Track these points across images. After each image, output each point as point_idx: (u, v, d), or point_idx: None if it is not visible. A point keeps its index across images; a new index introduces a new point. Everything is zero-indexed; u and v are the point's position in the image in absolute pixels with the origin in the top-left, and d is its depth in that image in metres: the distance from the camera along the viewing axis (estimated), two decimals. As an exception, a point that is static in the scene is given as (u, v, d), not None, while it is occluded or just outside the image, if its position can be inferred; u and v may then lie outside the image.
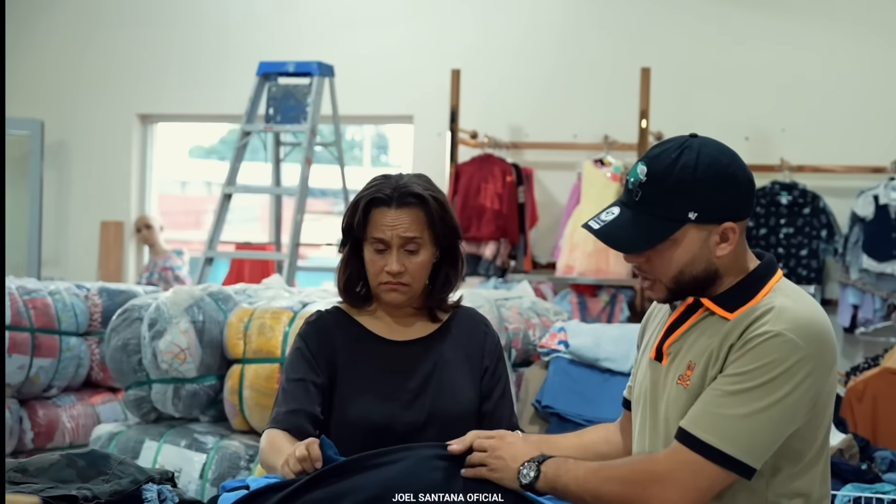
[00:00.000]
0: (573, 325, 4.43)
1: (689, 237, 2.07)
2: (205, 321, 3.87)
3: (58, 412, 4.75)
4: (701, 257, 2.08)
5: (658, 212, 2.07)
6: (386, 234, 2.45)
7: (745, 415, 1.98)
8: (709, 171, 2.06)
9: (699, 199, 2.05)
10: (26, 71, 8.60)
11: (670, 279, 2.11)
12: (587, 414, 4.10)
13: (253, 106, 6.61)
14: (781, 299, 2.06)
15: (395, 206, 2.46)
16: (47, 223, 8.37)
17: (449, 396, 2.48)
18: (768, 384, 1.99)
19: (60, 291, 4.84)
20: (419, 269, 2.47)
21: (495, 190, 7.15)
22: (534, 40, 7.73)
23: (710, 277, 2.10)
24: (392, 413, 2.45)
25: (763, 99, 7.30)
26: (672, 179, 2.06)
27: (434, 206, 2.47)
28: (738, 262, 2.12)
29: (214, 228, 6.46)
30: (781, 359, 1.99)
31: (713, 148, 2.09)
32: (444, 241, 2.52)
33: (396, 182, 2.49)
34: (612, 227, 2.11)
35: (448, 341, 2.55)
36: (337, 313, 2.58)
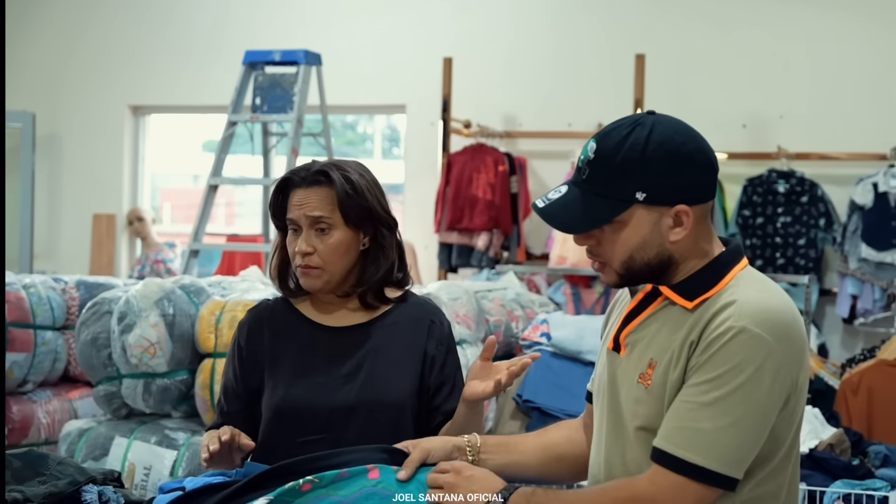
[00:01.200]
0: (556, 317, 4.35)
1: (637, 219, 1.94)
2: (175, 314, 3.80)
3: (33, 408, 4.66)
4: (652, 241, 1.95)
5: (604, 191, 1.94)
6: (294, 213, 2.42)
7: (724, 426, 1.86)
8: (660, 150, 1.91)
9: (647, 178, 1.92)
10: (18, 63, 8.54)
11: (620, 264, 1.98)
12: (569, 408, 4.02)
13: (239, 96, 6.53)
14: (743, 290, 1.93)
15: (304, 186, 2.42)
16: (39, 216, 8.34)
17: (379, 384, 2.42)
18: (742, 388, 1.86)
19: (36, 285, 4.75)
20: (330, 252, 2.41)
21: (488, 180, 7.07)
22: (527, 28, 7.64)
23: (663, 264, 1.98)
24: (318, 396, 2.41)
25: (760, 86, 7.19)
26: (619, 157, 1.92)
27: (341, 186, 2.40)
28: (697, 247, 1.99)
29: (199, 220, 6.38)
30: (749, 357, 1.86)
31: (668, 126, 1.95)
32: (360, 224, 2.44)
33: (314, 163, 2.46)
34: (557, 205, 1.99)
35: (387, 330, 2.49)
36: (278, 302, 2.56)
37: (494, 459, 2.17)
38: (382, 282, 2.50)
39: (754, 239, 6.90)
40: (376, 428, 2.37)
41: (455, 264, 7.25)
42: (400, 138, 13.01)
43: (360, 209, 2.43)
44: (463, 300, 3.94)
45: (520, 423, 4.10)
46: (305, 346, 2.46)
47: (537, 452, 2.23)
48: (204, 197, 6.45)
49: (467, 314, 3.91)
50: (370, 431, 2.36)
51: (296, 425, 2.38)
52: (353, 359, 2.45)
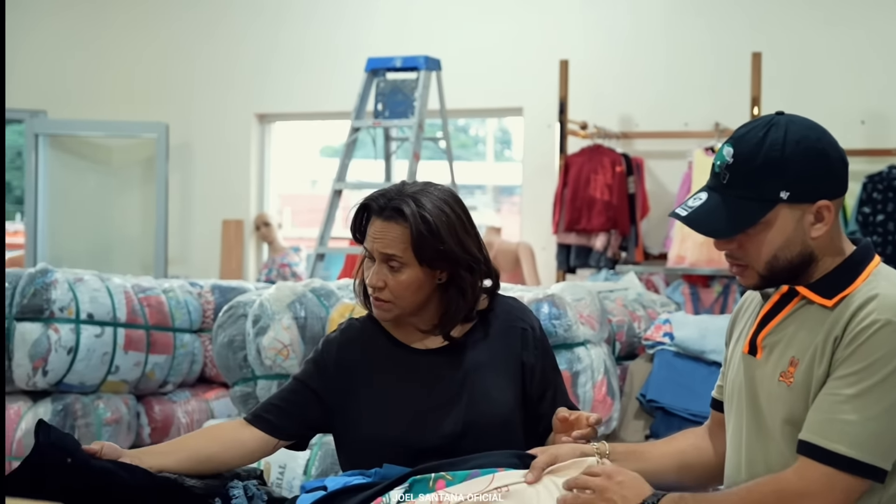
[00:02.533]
0: (678, 316, 4.36)
1: (781, 218, 1.98)
2: (307, 317, 3.88)
3: (173, 408, 4.86)
4: (795, 239, 1.99)
5: (747, 194, 1.97)
6: (369, 244, 2.33)
7: (871, 417, 1.88)
8: (798, 148, 1.96)
9: (790, 177, 1.96)
10: (152, 77, 8.86)
11: (763, 265, 2.01)
12: (693, 408, 4.04)
13: (361, 102, 6.68)
14: (884, 284, 1.97)
15: (382, 218, 2.32)
16: (173, 223, 8.60)
17: (485, 403, 2.34)
18: (888, 379, 1.89)
19: (174, 289, 4.95)
20: (401, 289, 2.31)
21: (605, 181, 7.09)
22: (641, 28, 7.64)
23: (805, 261, 2.01)
24: (425, 427, 2.32)
25: (879, 80, 7.08)
26: (760, 158, 1.96)
27: (416, 227, 2.28)
28: (833, 244, 2.02)
29: (325, 225, 6.56)
30: (895, 349, 1.89)
31: (801, 125, 2.00)
32: (434, 264, 2.32)
33: (397, 192, 2.33)
34: (701, 212, 2.01)
35: (479, 344, 2.40)
36: (367, 322, 2.47)
37: (623, 467, 2.16)
38: (462, 318, 2.39)
39: (875, 236, 6.81)
40: (487, 447, 2.26)
41: (573, 265, 7.29)
42: (511, 140, 13.03)
43: (434, 251, 2.30)
44: (586, 301, 3.95)
45: (643, 423, 4.13)
46: (404, 373, 2.38)
47: (665, 460, 2.25)
48: (329, 202, 6.62)
49: (591, 314, 3.93)
50: (482, 452, 2.24)
51: (404, 457, 2.26)
52: (452, 382, 2.36)
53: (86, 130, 8.74)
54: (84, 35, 9.02)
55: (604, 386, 3.88)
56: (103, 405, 4.50)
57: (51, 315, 4.32)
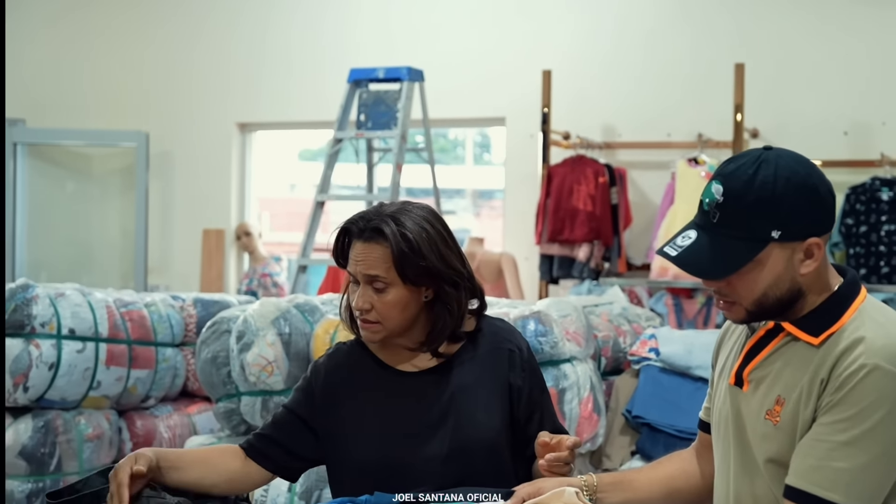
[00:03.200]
0: (664, 331, 4.35)
1: (773, 257, 1.95)
2: (291, 333, 3.88)
3: (155, 422, 4.83)
4: (785, 277, 1.97)
5: (738, 233, 1.94)
6: (352, 266, 2.32)
7: (862, 465, 1.88)
8: (789, 185, 1.93)
9: (782, 216, 1.93)
10: (132, 85, 8.81)
11: (752, 302, 1.99)
12: (679, 424, 4.03)
13: (344, 113, 6.67)
14: (870, 325, 1.94)
15: (363, 240, 2.31)
16: (153, 232, 8.56)
17: (472, 426, 2.33)
18: (878, 426, 1.88)
19: (156, 303, 4.92)
20: (387, 309, 2.30)
21: (588, 191, 7.09)
22: (624, 39, 7.65)
23: (793, 298, 1.99)
24: (411, 450, 2.32)
25: (862, 91, 7.11)
26: (751, 197, 1.93)
27: (398, 246, 2.28)
28: (820, 279, 2.01)
29: (307, 236, 6.53)
30: (884, 395, 1.88)
31: (790, 160, 1.97)
32: (418, 282, 2.31)
33: (376, 213, 2.34)
34: (691, 252, 1.98)
35: (467, 366, 2.39)
36: (354, 345, 2.47)
37: (612, 498, 2.18)
38: (449, 335, 2.38)
39: (858, 248, 6.83)
40: (474, 471, 2.30)
41: (556, 275, 7.28)
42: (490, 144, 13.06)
43: (417, 268, 2.29)
44: (573, 317, 3.94)
45: (629, 439, 4.12)
46: (389, 396, 2.37)
47: (653, 487, 2.25)
48: (311, 213, 6.60)
49: (577, 331, 3.92)
50: (468, 475, 2.30)
51: (390, 480, 2.28)
52: (438, 404, 2.35)
53: (65, 139, 8.69)
54: (63, 44, 8.97)
55: (590, 402, 3.87)
56: (84, 421, 4.47)
57: (32, 331, 4.29)
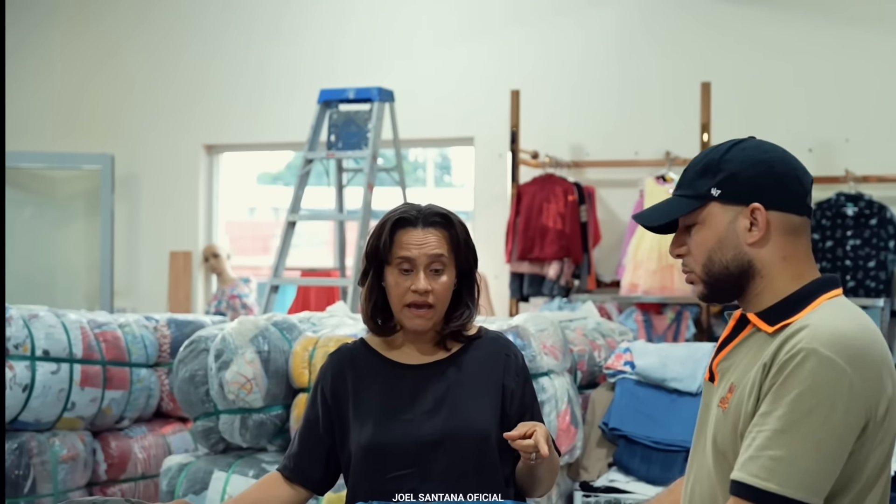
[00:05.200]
0: (639, 345, 4.40)
1: (713, 217, 1.99)
2: (270, 351, 3.88)
3: (130, 443, 4.80)
4: (728, 242, 1.98)
5: (684, 192, 2.04)
6: (412, 252, 2.46)
7: (799, 452, 1.82)
8: (740, 154, 1.99)
9: (723, 175, 1.98)
10: (96, 106, 8.77)
11: (701, 267, 2.02)
12: (655, 435, 4.07)
13: (315, 133, 6.67)
14: (822, 315, 1.91)
15: (421, 226, 2.48)
16: (119, 255, 8.51)
17: (462, 416, 2.46)
18: (813, 413, 1.82)
19: (130, 324, 4.90)
20: (443, 290, 2.48)
21: (557, 209, 7.13)
22: (592, 58, 7.72)
23: (743, 270, 1.98)
24: (406, 432, 2.45)
25: (826, 109, 7.21)
26: (703, 161, 2.02)
27: (459, 228, 2.51)
28: (786, 266, 1.98)
29: (279, 256, 6.52)
30: (821, 381, 1.83)
31: (763, 143, 2.04)
32: (465, 264, 2.53)
33: (418, 206, 2.53)
34: (647, 209, 2.11)
35: (465, 366, 2.53)
36: (359, 345, 2.61)
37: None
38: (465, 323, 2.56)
39: (824, 262, 6.91)
40: (462, 459, 2.42)
41: (526, 293, 7.31)
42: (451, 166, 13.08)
43: (471, 252, 2.53)
44: (549, 331, 3.97)
45: (606, 451, 4.15)
46: (389, 386, 2.51)
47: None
48: (283, 233, 6.59)
49: (554, 345, 3.95)
50: (457, 463, 2.42)
51: (385, 462, 2.43)
52: (435, 393, 2.49)
53: (27, 162, 8.62)
54: (25, 64, 8.91)
55: (567, 415, 3.90)
56: (59, 442, 4.43)
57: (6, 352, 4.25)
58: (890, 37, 7.19)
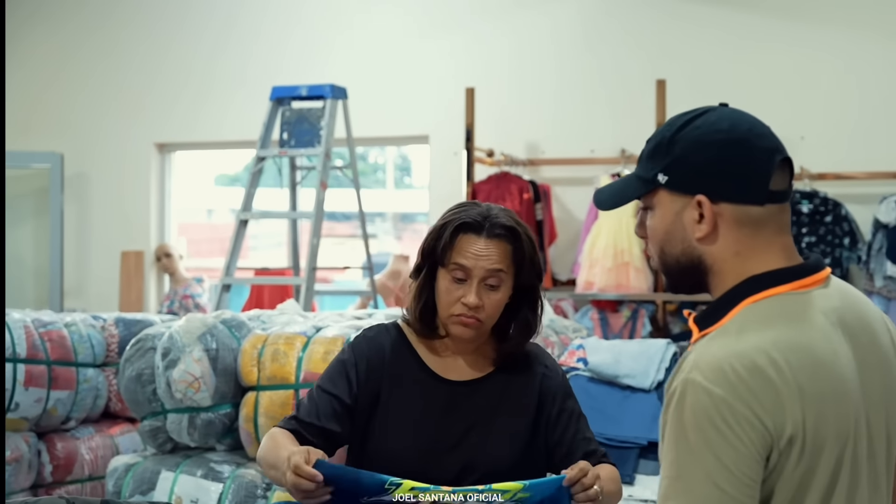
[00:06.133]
0: (592, 341, 4.37)
1: (662, 205, 1.73)
2: (218, 349, 3.83)
3: (76, 444, 4.72)
4: (676, 234, 1.72)
5: (638, 172, 1.77)
6: (470, 261, 2.32)
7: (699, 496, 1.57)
8: (692, 133, 1.69)
9: (670, 160, 1.70)
10: (45, 104, 8.65)
11: (657, 259, 1.78)
12: (608, 432, 4.04)
13: (267, 131, 6.61)
14: (727, 328, 1.64)
15: (485, 236, 2.33)
16: (68, 254, 8.40)
17: (488, 450, 2.34)
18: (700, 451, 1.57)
19: (76, 323, 4.82)
20: (495, 307, 2.35)
21: (513, 208, 7.09)
22: (547, 56, 7.70)
23: (694, 266, 1.72)
24: (428, 459, 2.33)
25: (781, 107, 7.22)
26: (657, 137, 1.73)
27: (525, 242, 2.35)
28: (738, 263, 1.69)
29: (231, 255, 6.44)
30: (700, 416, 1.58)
31: (724, 117, 1.71)
32: (526, 281, 2.38)
33: (487, 211, 2.36)
34: (605, 187, 1.85)
35: (501, 385, 2.41)
36: (397, 334, 2.47)
37: None
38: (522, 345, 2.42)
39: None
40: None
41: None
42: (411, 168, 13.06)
43: (533, 266, 2.38)
44: None
45: (559, 448, 4.13)
46: (420, 397, 2.39)
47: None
48: (234, 232, 6.52)
49: (506, 342, 3.93)
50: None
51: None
52: (464, 420, 2.37)
53: (-26, 161, 8.49)
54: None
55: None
56: (2, 444, 4.34)
57: (-54, 351, 4.16)
58: (845, 35, 7.22)
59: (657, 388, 4.09)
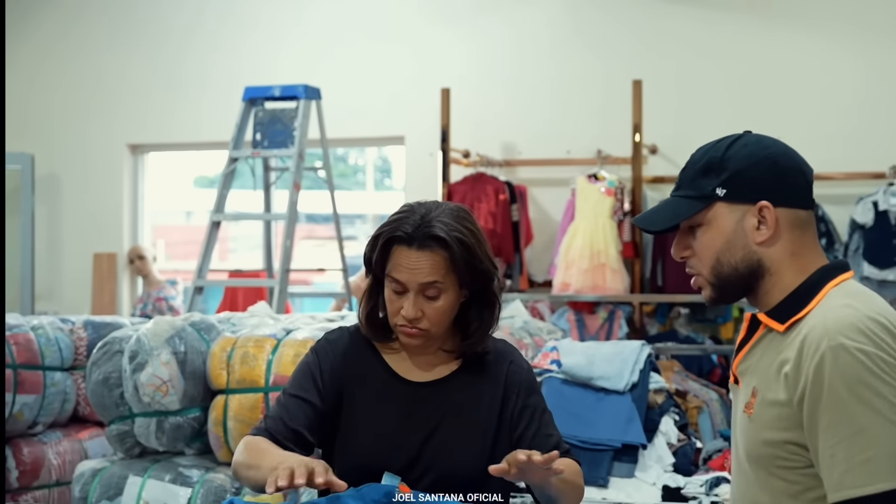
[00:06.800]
0: (566, 343, 4.34)
1: (720, 218, 1.97)
2: (187, 352, 3.79)
3: (44, 449, 4.65)
4: (736, 242, 1.96)
5: (687, 192, 2.00)
6: (404, 275, 2.28)
7: (885, 442, 1.77)
8: (742, 151, 1.96)
9: (727, 174, 1.95)
10: (16, 105, 8.55)
11: (709, 270, 1.99)
12: (582, 435, 4.00)
13: (239, 132, 6.54)
14: (831, 305, 1.88)
15: (415, 247, 2.27)
16: (40, 257, 8.33)
17: (450, 453, 2.32)
18: (872, 402, 1.78)
19: (44, 326, 4.75)
20: (439, 315, 2.30)
21: (489, 209, 7.07)
22: (524, 56, 7.67)
23: (753, 270, 1.96)
24: (393, 459, 2.30)
25: (758, 107, 7.22)
26: (703, 160, 1.99)
27: (458, 251, 2.27)
28: (794, 260, 1.96)
29: (203, 257, 6.38)
30: (861, 371, 1.79)
31: (762, 137, 2.01)
32: (473, 284, 2.33)
33: (422, 218, 2.29)
34: (647, 212, 2.07)
35: (465, 383, 2.38)
36: (359, 336, 2.44)
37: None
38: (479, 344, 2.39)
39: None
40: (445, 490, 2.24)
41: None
42: (391, 169, 13.04)
43: (474, 271, 2.31)
44: None
45: (533, 452, 4.09)
46: (382, 398, 2.36)
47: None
48: (207, 233, 6.45)
49: (479, 344, 3.89)
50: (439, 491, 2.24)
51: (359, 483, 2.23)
52: (427, 424, 2.34)
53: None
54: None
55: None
56: (-33, 449, 4.26)
57: None
58: (821, 36, 7.22)
59: (631, 389, 4.05)
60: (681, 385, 4.86)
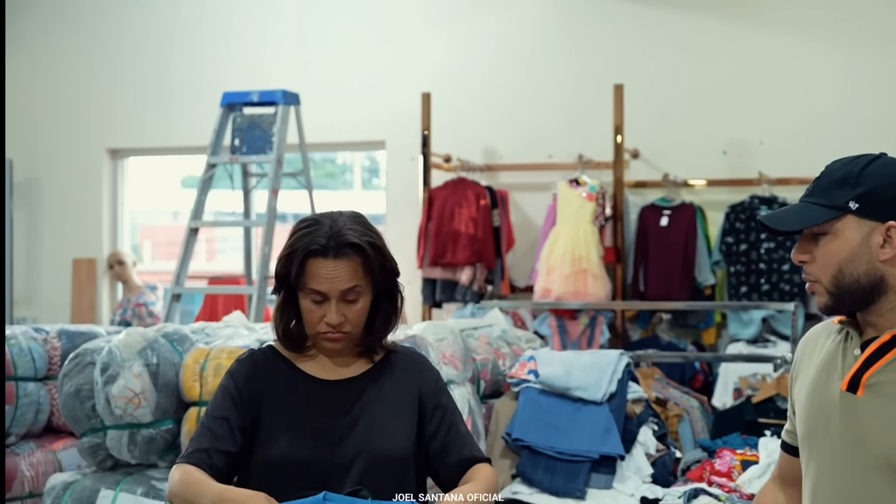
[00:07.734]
0: (543, 353, 4.30)
1: (848, 230, 2.03)
2: (159, 363, 3.77)
3: (16, 460, 4.59)
4: (861, 256, 2.03)
5: (820, 200, 2.05)
6: (324, 286, 2.38)
7: None
8: (881, 169, 2.04)
9: (862, 190, 2.02)
10: (-7, 109, 8.49)
11: (830, 279, 2.05)
12: (559, 446, 3.97)
13: (218, 137, 6.50)
14: None
15: (332, 257, 2.38)
16: (18, 262, 8.27)
17: (378, 435, 2.42)
18: None
19: (16, 336, 4.69)
20: (358, 316, 2.43)
21: (470, 214, 7.04)
22: (505, 61, 7.64)
23: (874, 284, 2.04)
24: (316, 452, 2.39)
25: (740, 112, 7.20)
26: (841, 172, 2.05)
27: (372, 255, 2.40)
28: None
29: (181, 264, 6.33)
30: None
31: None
32: (383, 284, 2.45)
33: (331, 229, 2.39)
34: (777, 213, 2.12)
35: (383, 379, 2.49)
36: (269, 353, 2.52)
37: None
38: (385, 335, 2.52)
39: (738, 266, 6.89)
40: (377, 479, 2.37)
41: (439, 299, 7.21)
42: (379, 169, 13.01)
43: (385, 270, 2.44)
44: (449, 340, 3.91)
45: (510, 462, 4.04)
46: (303, 401, 2.44)
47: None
48: (185, 240, 6.40)
49: (454, 354, 3.87)
50: (372, 480, 2.36)
51: (294, 480, 2.36)
52: (351, 412, 2.44)
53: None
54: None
55: (469, 426, 3.78)
56: (-62, 461, 4.20)
57: None
58: (804, 39, 7.20)
59: (609, 400, 4.02)
60: (661, 393, 4.82)
